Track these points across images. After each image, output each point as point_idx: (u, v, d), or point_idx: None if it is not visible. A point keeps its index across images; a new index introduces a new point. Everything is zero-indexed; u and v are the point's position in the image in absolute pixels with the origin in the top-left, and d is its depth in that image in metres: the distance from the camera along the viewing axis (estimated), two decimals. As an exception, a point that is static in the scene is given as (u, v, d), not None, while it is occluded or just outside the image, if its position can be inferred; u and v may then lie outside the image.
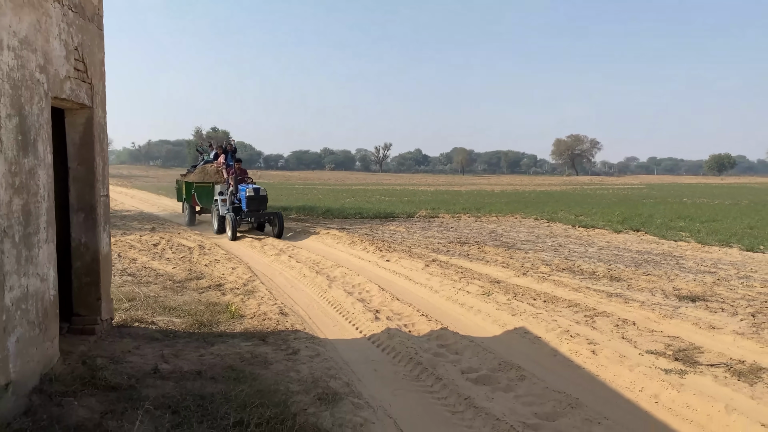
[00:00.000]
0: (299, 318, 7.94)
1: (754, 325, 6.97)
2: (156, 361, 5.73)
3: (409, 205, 29.86)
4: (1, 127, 4.27)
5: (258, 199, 15.96)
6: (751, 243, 13.87)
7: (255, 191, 16.00)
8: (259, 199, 15.99)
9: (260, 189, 16.27)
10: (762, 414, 4.63)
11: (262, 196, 16.17)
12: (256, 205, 15.93)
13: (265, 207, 16.37)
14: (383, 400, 5.10)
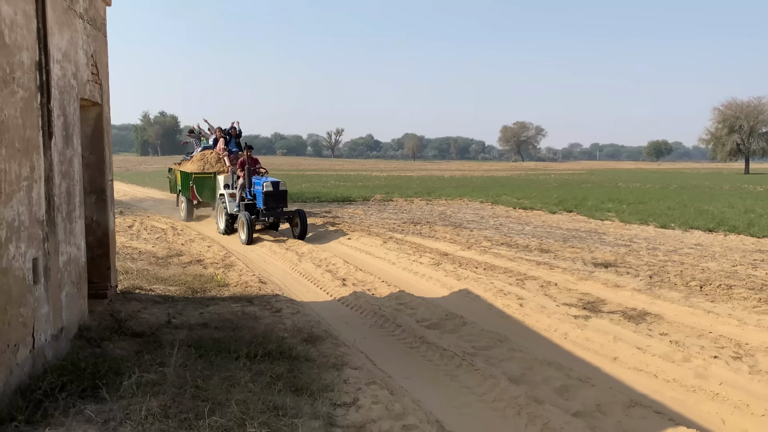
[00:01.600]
0: (277, 286, 9.20)
1: (649, 284, 8.67)
2: (165, 317, 6.93)
3: (364, 189, 31.19)
4: (54, 125, 5.40)
5: (277, 195, 13.41)
6: (665, 221, 15.86)
7: (274, 185, 13.36)
8: (278, 194, 13.43)
9: (279, 183, 13.61)
10: (638, 341, 6.23)
11: (282, 191, 13.53)
12: (275, 202, 13.36)
13: (286, 204, 13.70)
14: (356, 340, 6.47)
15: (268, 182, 13.44)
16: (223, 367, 5.10)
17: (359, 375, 5.23)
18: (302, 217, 13.44)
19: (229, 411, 4.07)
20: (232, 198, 14.05)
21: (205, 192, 15.85)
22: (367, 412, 4.44)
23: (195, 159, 16.85)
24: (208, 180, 15.76)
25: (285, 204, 13.67)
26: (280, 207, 13.48)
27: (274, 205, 13.36)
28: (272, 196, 13.33)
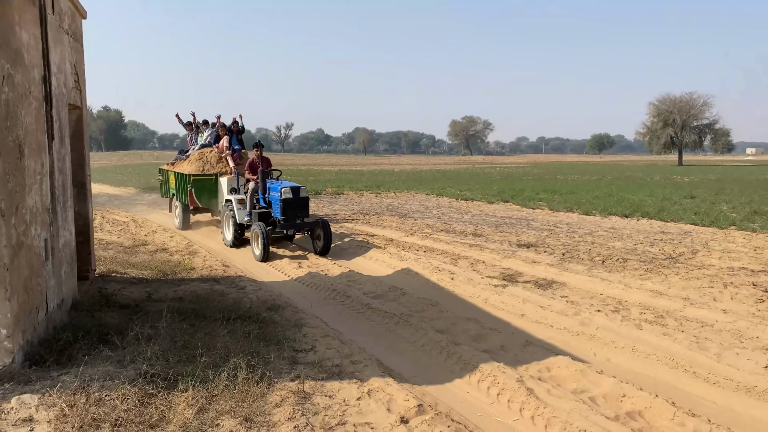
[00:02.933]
0: (239, 269, 10.29)
1: (561, 259, 10.19)
2: (145, 294, 7.96)
3: (315, 183, 32.23)
4: (54, 128, 6.40)
5: (298, 203, 11.28)
6: (588, 209, 17.64)
7: (293, 192, 11.24)
8: (299, 202, 11.29)
9: (300, 188, 11.46)
10: (542, 302, 7.66)
11: (303, 198, 11.38)
12: (295, 211, 11.26)
13: (307, 213, 11.56)
14: (312, 309, 7.68)
15: (286, 188, 11.21)
16: (204, 327, 6.24)
17: (315, 331, 6.46)
18: (326, 228, 11.18)
19: (215, 352, 5.24)
20: (242, 205, 11.95)
21: (205, 196, 13.64)
22: (322, 354, 5.67)
23: (192, 158, 14.32)
24: (209, 183, 13.63)
25: (306, 213, 11.46)
26: (300, 217, 11.35)
27: (293, 215, 11.21)
28: (292, 204, 11.16)
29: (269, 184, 11.72)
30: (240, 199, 12.05)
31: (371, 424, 4.18)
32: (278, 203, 11.22)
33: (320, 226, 11.29)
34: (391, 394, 4.68)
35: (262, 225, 10.89)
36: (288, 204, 11.15)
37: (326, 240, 11.18)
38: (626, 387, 4.82)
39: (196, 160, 14.17)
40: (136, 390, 4.41)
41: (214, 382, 4.59)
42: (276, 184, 11.66)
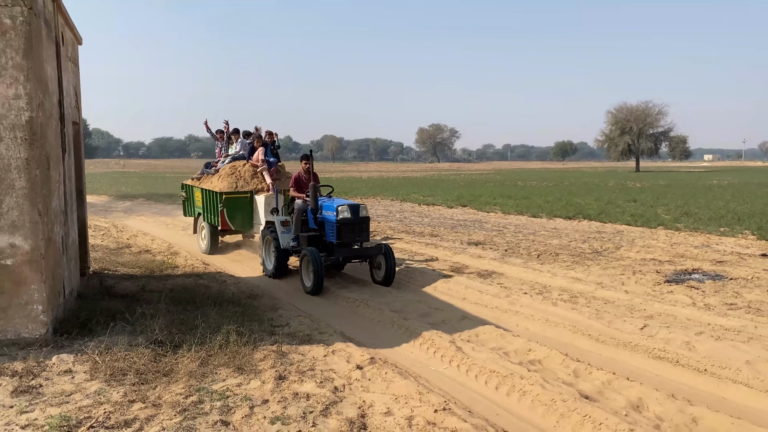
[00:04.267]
0: (219, 267, 11.46)
1: (503, 255, 11.66)
2: (138, 287, 9.11)
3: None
4: (66, 143, 7.57)
5: (357, 225, 9.52)
6: (536, 212, 19.26)
7: (352, 211, 9.47)
8: (358, 224, 9.53)
9: (360, 206, 9.64)
10: (481, 288, 9.06)
11: (363, 218, 9.62)
12: (353, 234, 9.48)
13: (367, 237, 9.81)
14: (286, 297, 8.93)
15: (343, 206, 9.40)
16: (195, 309, 7.45)
17: (289, 313, 7.73)
18: (389, 255, 9.51)
19: (208, 325, 6.47)
20: (286, 228, 10.21)
21: (239, 217, 11.87)
22: (295, 328, 6.95)
23: (223, 173, 12.41)
24: (243, 202, 11.85)
25: (366, 237, 9.70)
26: (359, 241, 9.67)
27: (351, 239, 9.50)
28: (350, 225, 9.39)
29: (321, 202, 9.88)
30: (284, 221, 10.25)
31: (334, 370, 5.47)
32: (333, 225, 9.35)
33: (382, 252, 9.54)
34: (350, 353, 5.99)
35: (314, 251, 9.08)
36: (345, 226, 9.32)
37: (389, 269, 9.42)
38: (532, 344, 6.23)
39: (228, 175, 12.25)
40: (150, 351, 5.63)
41: (210, 344, 5.84)
42: (329, 202, 9.80)
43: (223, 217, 11.79)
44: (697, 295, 8.14)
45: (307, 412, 4.50)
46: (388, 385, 5.09)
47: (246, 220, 12.01)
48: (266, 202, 11.44)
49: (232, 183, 12.07)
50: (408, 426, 4.29)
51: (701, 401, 4.80)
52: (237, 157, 12.79)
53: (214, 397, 4.72)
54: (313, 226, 9.98)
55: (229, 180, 12.15)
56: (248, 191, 11.95)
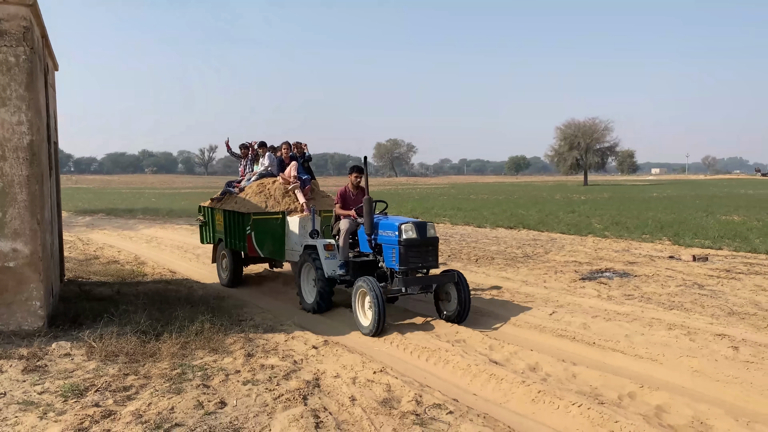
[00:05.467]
0: (185, 276, 12.40)
1: (446, 259, 12.97)
2: (113, 291, 10.02)
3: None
4: (52, 162, 8.51)
5: (425, 247, 7.83)
6: (482, 222, 20.76)
7: (419, 229, 7.75)
8: (426, 245, 7.85)
9: (427, 224, 7.96)
10: (424, 287, 10.30)
11: (431, 239, 7.93)
12: (420, 258, 7.79)
13: (436, 261, 8.04)
14: (248, 298, 9.97)
15: (407, 224, 7.74)
16: (169, 307, 8.44)
17: (253, 310, 8.79)
18: (462, 284, 7.89)
19: (184, 318, 7.49)
20: (331, 252, 8.62)
21: (269, 242, 10.11)
22: (259, 321, 8.02)
23: (250, 192, 10.89)
24: (274, 224, 10.17)
25: (435, 262, 7.99)
26: (426, 267, 7.93)
27: (417, 264, 7.76)
28: (416, 248, 7.68)
29: (377, 221, 8.16)
30: (327, 245, 8.64)
31: (294, 350, 6.59)
32: (395, 247, 7.67)
33: (454, 280, 7.90)
34: (307, 338, 7.11)
35: (372, 281, 7.47)
36: (411, 248, 7.59)
37: (462, 301, 7.78)
38: (459, 328, 7.47)
39: (256, 194, 10.73)
40: (136, 338, 6.63)
41: (188, 332, 6.88)
42: (387, 219, 8.13)
43: (251, 242, 9.98)
44: (603, 289, 9.58)
45: (272, 377, 5.62)
46: (338, 359, 6.25)
47: (277, 246, 10.16)
48: (301, 225, 9.89)
49: (260, 203, 10.50)
50: (352, 383, 5.45)
51: (584, 364, 6.11)
52: (265, 174, 11.20)
53: (195, 370, 5.79)
54: (365, 249, 8.28)
55: (258, 199, 10.58)
56: (280, 212, 10.22)
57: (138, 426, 4.43)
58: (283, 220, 10.21)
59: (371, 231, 8.10)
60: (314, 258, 8.71)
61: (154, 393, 5.15)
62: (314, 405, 4.90)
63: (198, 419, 4.59)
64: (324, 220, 9.98)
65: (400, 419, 4.59)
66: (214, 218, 11.69)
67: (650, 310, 8.14)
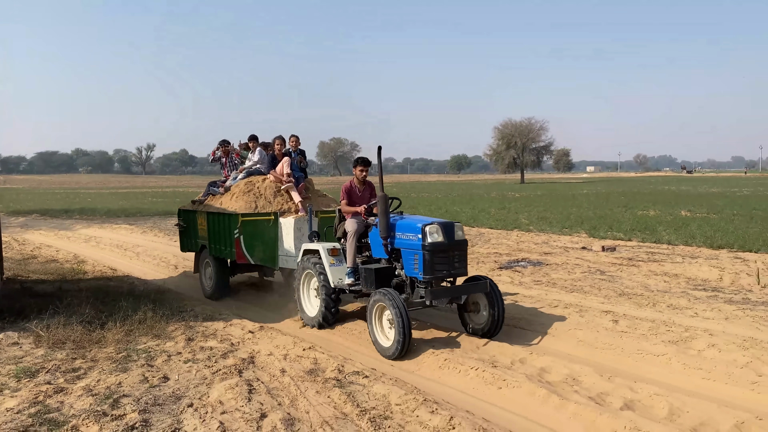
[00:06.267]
0: (126, 273, 12.74)
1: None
2: (55, 287, 10.32)
3: (183, 204, 33.99)
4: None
5: (453, 252, 6.68)
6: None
7: (445, 231, 6.65)
8: (454, 250, 6.71)
9: (454, 225, 6.83)
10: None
11: (460, 241, 6.81)
12: (447, 264, 6.64)
13: (465, 269, 6.87)
14: (188, 292, 10.48)
15: (432, 225, 6.62)
16: (113, 300, 8.89)
17: (193, 302, 9.33)
18: (496, 294, 6.92)
19: (127, 309, 7.99)
20: (336, 258, 7.64)
21: (260, 247, 9.14)
22: (199, 312, 8.57)
23: (237, 191, 9.83)
24: (265, 226, 9.14)
25: (464, 269, 6.87)
26: (454, 274, 6.80)
27: (444, 272, 6.63)
28: (443, 253, 6.58)
29: (393, 221, 7.00)
30: (332, 249, 7.65)
31: (232, 334, 7.22)
32: (417, 252, 6.56)
33: (487, 290, 6.87)
34: (244, 324, 7.74)
35: (393, 294, 6.41)
36: (437, 253, 6.51)
37: (496, 312, 6.84)
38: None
39: (244, 193, 9.68)
40: (82, 328, 7.11)
41: (131, 321, 7.41)
42: (405, 220, 7.00)
43: (239, 247, 8.98)
44: (516, 276, 10.59)
45: (211, 356, 6.26)
46: (272, 340, 6.93)
47: (269, 251, 9.16)
48: (296, 227, 8.94)
49: (249, 203, 9.45)
50: (284, 359, 6.16)
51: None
52: (253, 172, 10.20)
53: (140, 353, 6.36)
54: (380, 254, 7.20)
55: (246, 199, 9.53)
56: (272, 213, 9.22)
57: (89, 397, 5.00)
58: (275, 221, 9.13)
59: (388, 234, 6.85)
60: (316, 264, 7.65)
61: (101, 372, 5.70)
62: (248, 377, 5.58)
63: (144, 391, 5.20)
64: (322, 222, 8.93)
65: (323, 384, 5.34)
66: (196, 222, 10.57)
67: (554, 293, 9.17)
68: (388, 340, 6.52)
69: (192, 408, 4.80)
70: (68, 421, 4.50)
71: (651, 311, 7.84)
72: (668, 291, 9.14)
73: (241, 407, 4.79)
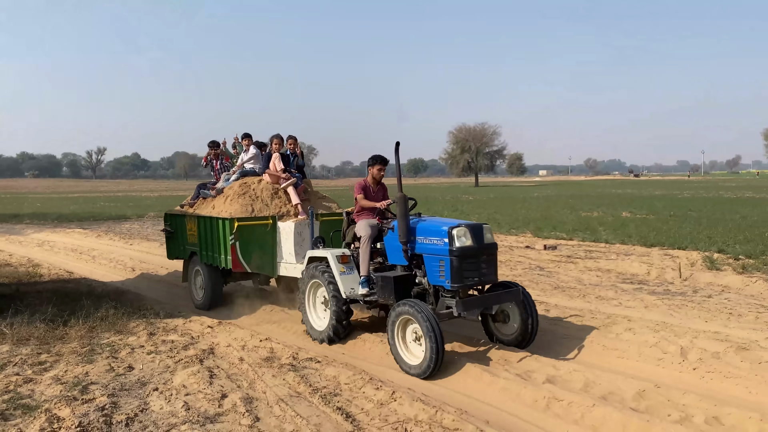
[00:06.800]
0: (83, 275, 12.88)
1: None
2: (12, 289, 10.46)
3: (137, 208, 33.76)
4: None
5: (482, 256, 6.13)
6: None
7: (474, 233, 6.10)
8: (484, 254, 6.15)
9: (483, 227, 6.29)
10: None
11: (490, 245, 6.27)
12: (477, 270, 6.08)
13: (495, 276, 6.34)
14: (148, 292, 10.76)
15: (459, 227, 6.08)
16: (72, 301, 9.13)
17: (152, 302, 9.64)
18: (529, 302, 6.46)
19: (88, 308, 8.28)
20: (347, 266, 7.03)
21: (257, 253, 8.58)
22: (159, 309, 8.91)
23: (231, 193, 9.18)
24: (263, 231, 8.57)
25: (494, 275, 6.34)
26: (483, 282, 6.21)
27: (474, 278, 6.06)
28: (473, 258, 6.03)
29: (413, 224, 6.40)
30: (342, 256, 7.04)
31: (192, 329, 7.62)
32: (443, 258, 5.99)
33: (520, 298, 6.38)
34: (204, 321, 8.13)
35: (421, 306, 5.80)
36: (466, 259, 5.96)
37: (529, 323, 6.39)
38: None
39: (239, 195, 9.00)
40: (45, 325, 7.40)
41: (94, 318, 7.72)
42: (427, 222, 6.42)
43: (235, 254, 8.42)
44: (462, 273, 11.26)
45: (173, 348, 6.67)
46: (230, 334, 7.37)
47: (267, 258, 8.61)
48: (296, 231, 8.34)
49: (245, 206, 8.80)
50: (242, 349, 6.62)
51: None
52: (248, 172, 9.60)
53: (103, 346, 6.71)
54: (397, 261, 6.58)
55: (242, 202, 8.86)
56: (269, 216, 8.65)
57: (59, 385, 5.37)
58: (273, 225, 8.58)
59: (408, 238, 6.25)
60: (325, 273, 7.03)
61: (68, 364, 6.05)
62: (209, 364, 6.03)
63: (110, 378, 5.60)
64: (323, 225, 8.41)
65: (279, 369, 5.83)
66: (185, 227, 9.86)
67: (496, 287, 9.87)
68: (415, 357, 5.89)
69: (157, 392, 5.23)
70: (41, 405, 4.86)
71: (580, 302, 8.60)
72: (599, 284, 9.96)
73: (204, 389, 5.25)
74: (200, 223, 9.29)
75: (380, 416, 4.63)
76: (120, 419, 4.60)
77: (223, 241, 8.67)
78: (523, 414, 4.80)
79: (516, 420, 4.69)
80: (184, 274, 10.20)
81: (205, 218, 9.18)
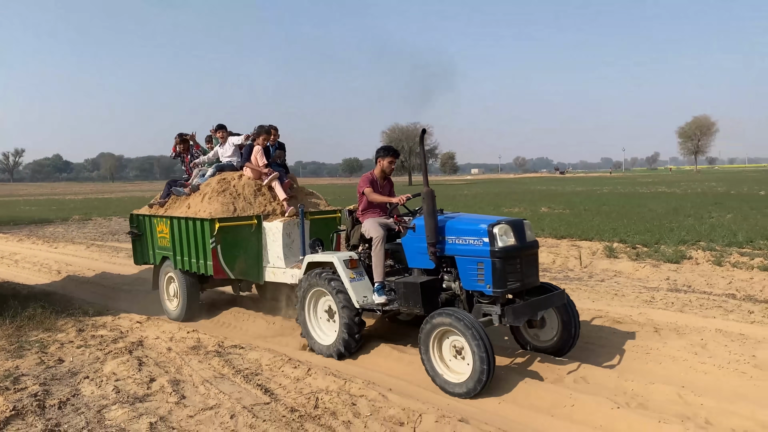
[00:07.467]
0: (6, 279, 12.73)
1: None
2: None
3: (60, 212, 32.79)
4: None
5: (526, 256, 5.50)
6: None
7: (516, 231, 5.47)
8: (526, 254, 5.52)
9: (524, 223, 5.66)
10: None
11: (532, 243, 5.66)
12: (520, 273, 5.41)
13: (536, 277, 5.72)
14: (76, 293, 10.86)
15: (501, 225, 5.42)
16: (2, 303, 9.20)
17: (81, 302, 9.80)
18: (571, 306, 5.95)
19: (15, 308, 8.40)
20: (357, 272, 6.32)
21: (241, 258, 7.81)
22: (87, 308, 9.12)
23: (209, 190, 8.30)
24: (247, 233, 7.81)
25: (537, 276, 5.76)
26: (524, 285, 5.53)
27: (518, 282, 5.43)
28: (515, 260, 5.40)
29: (442, 222, 5.74)
30: (350, 260, 6.33)
31: (121, 325, 7.92)
32: (483, 261, 5.36)
33: (564, 301, 5.85)
34: (132, 317, 8.42)
35: (466, 315, 5.14)
36: (509, 261, 5.33)
37: (571, 328, 5.87)
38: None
39: (218, 193, 8.13)
40: (-30, 326, 7.53)
41: (21, 318, 7.89)
42: (456, 219, 5.83)
43: (217, 259, 7.63)
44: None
45: (102, 342, 6.99)
46: (158, 327, 7.73)
47: (252, 263, 7.87)
48: (285, 232, 7.66)
49: (226, 204, 7.95)
50: (170, 340, 7.02)
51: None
52: (224, 167, 8.72)
53: (33, 343, 6.96)
54: (418, 264, 5.96)
55: (222, 200, 8.00)
56: (254, 216, 7.87)
57: (-10, 378, 5.64)
58: (258, 226, 7.83)
59: (436, 238, 5.62)
60: (331, 281, 6.28)
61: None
62: (138, 354, 6.42)
63: (42, 371, 5.91)
64: (313, 225, 7.91)
65: (205, 355, 6.30)
66: (155, 230, 8.95)
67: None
68: (457, 374, 5.19)
69: (88, 379, 5.60)
70: (-27, 396, 5.15)
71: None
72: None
73: (133, 375, 5.66)
74: (174, 224, 8.35)
75: (296, 389, 5.21)
76: (53, 403, 4.98)
77: (202, 245, 7.82)
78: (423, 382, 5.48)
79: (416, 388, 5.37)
80: (155, 280, 9.31)
81: (179, 219, 8.22)
